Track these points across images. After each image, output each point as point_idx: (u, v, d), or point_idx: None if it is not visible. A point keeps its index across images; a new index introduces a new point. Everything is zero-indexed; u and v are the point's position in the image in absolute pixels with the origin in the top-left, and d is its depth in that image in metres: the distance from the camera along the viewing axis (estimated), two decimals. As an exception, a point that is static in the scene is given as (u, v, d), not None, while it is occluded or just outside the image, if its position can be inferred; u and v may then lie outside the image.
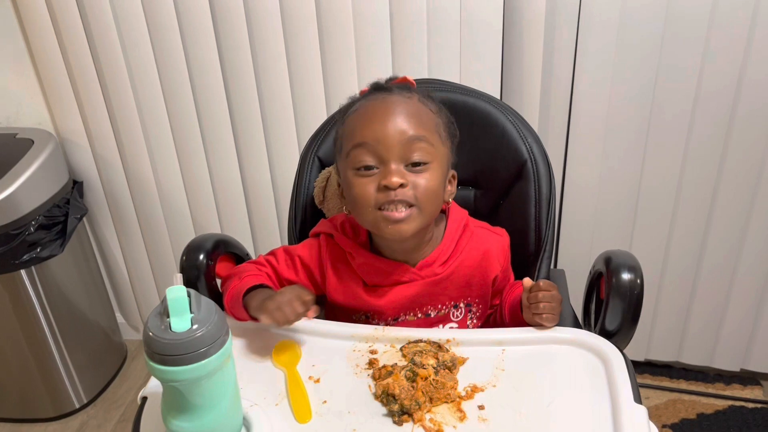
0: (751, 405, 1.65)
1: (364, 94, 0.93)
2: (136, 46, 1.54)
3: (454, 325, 0.97)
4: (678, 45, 1.36)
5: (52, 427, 1.76)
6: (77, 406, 1.80)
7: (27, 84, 1.66)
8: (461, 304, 0.97)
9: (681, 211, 1.55)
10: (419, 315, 0.96)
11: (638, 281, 0.88)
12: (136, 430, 0.77)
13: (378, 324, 0.94)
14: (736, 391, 1.70)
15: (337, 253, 0.98)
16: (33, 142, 1.62)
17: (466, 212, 1.01)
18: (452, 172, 0.96)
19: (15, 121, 1.72)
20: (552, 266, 1.19)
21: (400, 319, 0.96)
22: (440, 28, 1.41)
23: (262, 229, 1.75)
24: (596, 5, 1.36)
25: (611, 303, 0.89)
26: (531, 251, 1.05)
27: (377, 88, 0.93)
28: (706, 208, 1.53)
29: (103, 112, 1.64)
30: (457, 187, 1.03)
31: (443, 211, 0.99)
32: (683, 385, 1.73)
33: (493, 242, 0.99)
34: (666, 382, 1.74)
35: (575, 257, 1.63)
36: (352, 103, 0.94)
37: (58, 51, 1.58)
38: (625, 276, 0.88)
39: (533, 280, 1.04)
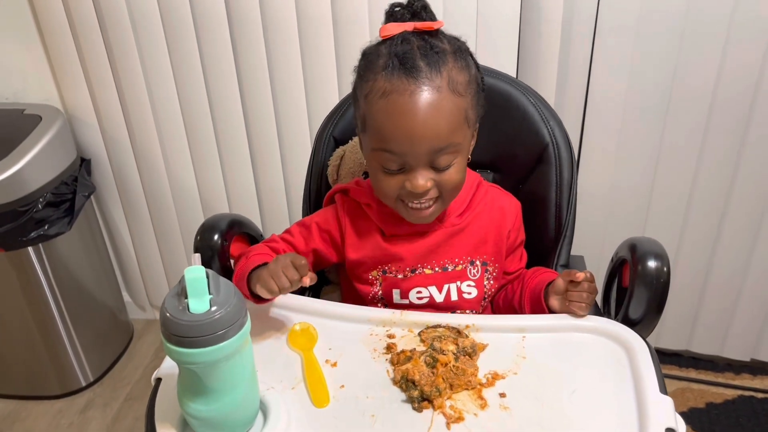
0: (760, 395, 1.65)
1: (386, 70, 0.81)
2: (146, 22, 1.52)
3: (472, 283, 0.95)
4: (700, 22, 1.33)
5: (58, 404, 1.76)
6: (83, 384, 1.81)
7: (35, 59, 1.63)
8: (477, 262, 0.96)
9: (695, 199, 1.53)
10: (436, 268, 0.95)
11: (665, 269, 0.86)
12: (150, 412, 0.75)
13: (395, 276, 0.94)
14: (746, 380, 1.69)
15: (353, 208, 0.98)
16: (41, 118, 1.60)
17: (478, 175, 1.01)
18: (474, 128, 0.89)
19: (23, 96, 1.69)
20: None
21: (417, 271, 0.95)
22: (454, 12, 1.38)
23: (272, 209, 1.74)
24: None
25: (636, 291, 0.87)
26: (551, 237, 1.03)
27: (402, 62, 0.80)
28: (722, 196, 1.52)
29: (111, 89, 1.62)
30: (476, 170, 1.01)
31: None
32: (692, 373, 1.72)
33: (506, 201, 1.00)
34: (675, 371, 1.73)
35: (587, 243, 1.61)
36: (375, 73, 0.83)
37: (66, 26, 1.55)
38: (652, 264, 0.87)
39: (553, 266, 1.03)
